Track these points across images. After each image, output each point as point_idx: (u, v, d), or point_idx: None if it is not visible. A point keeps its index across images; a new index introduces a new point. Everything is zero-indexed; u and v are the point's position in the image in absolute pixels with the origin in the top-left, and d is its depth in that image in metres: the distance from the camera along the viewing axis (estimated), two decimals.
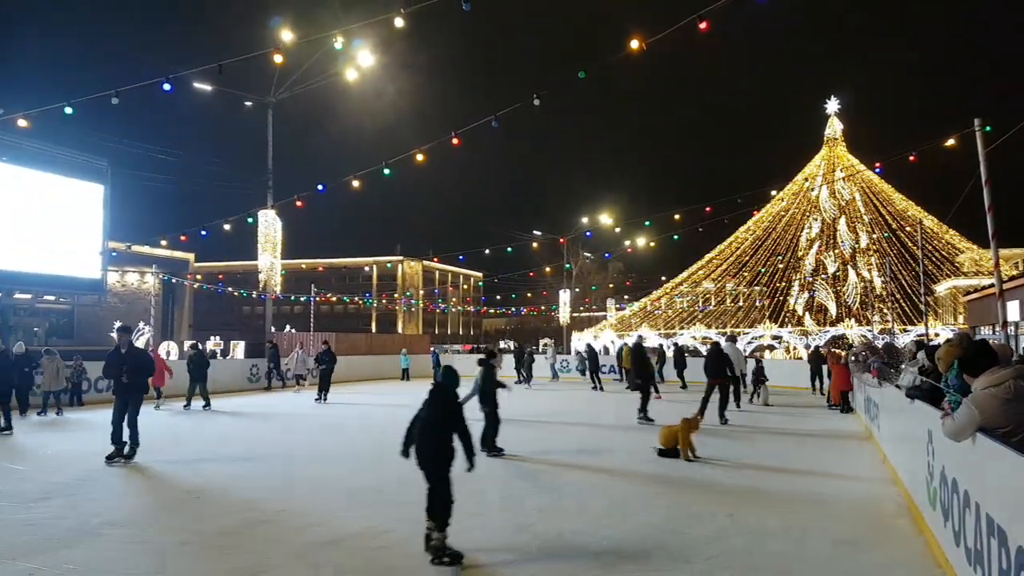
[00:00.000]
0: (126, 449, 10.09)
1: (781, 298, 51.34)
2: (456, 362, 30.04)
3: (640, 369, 15.15)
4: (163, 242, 23.89)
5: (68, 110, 12.84)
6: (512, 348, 26.91)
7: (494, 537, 6.47)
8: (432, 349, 27.71)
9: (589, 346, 34.95)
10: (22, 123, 13.12)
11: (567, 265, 51.55)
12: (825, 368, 20.89)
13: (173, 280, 35.55)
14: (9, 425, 13.39)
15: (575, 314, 54.29)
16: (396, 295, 79.63)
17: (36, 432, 13.81)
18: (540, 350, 50.00)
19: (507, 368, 27.48)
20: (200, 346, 23.38)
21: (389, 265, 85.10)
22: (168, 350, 26.52)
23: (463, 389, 6.63)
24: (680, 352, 27.04)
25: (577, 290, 59.12)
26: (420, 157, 17.60)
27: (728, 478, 9.23)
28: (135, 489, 8.54)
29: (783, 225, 53.55)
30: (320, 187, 17.40)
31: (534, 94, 14.94)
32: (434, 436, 5.84)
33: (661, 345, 35.14)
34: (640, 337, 20.89)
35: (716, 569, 5.63)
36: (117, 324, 11.65)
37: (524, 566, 5.71)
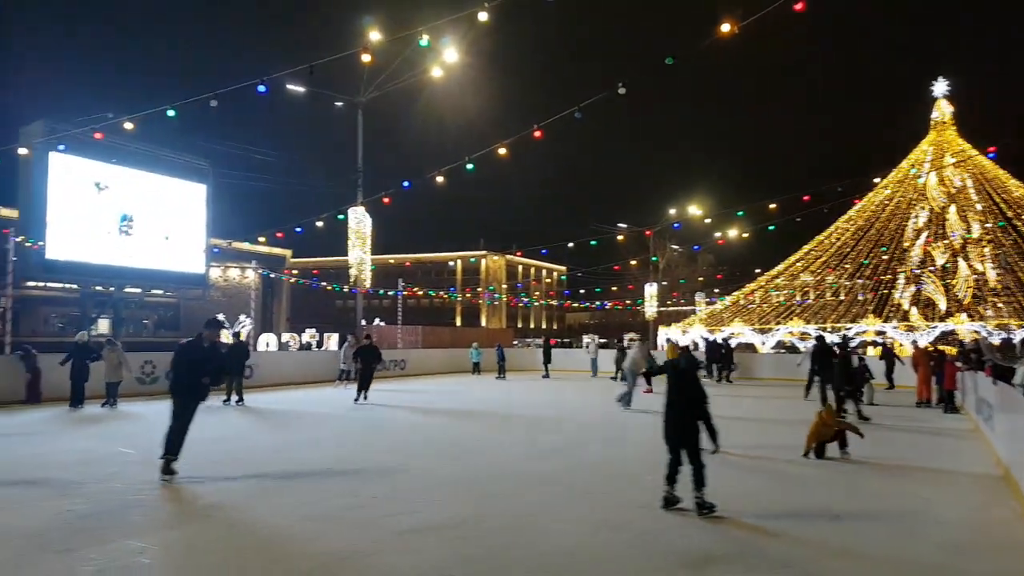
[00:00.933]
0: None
1: (885, 291, 48.67)
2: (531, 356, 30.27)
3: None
4: (261, 239, 24.93)
5: (171, 113, 13.52)
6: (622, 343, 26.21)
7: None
8: (497, 344, 27.57)
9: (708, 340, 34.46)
10: (128, 126, 13.88)
11: (653, 258, 50.58)
12: (897, 364, 21.06)
13: (271, 275, 37.13)
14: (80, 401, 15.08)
15: (662, 308, 53.23)
16: (479, 289, 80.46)
17: (152, 418, 14.63)
18: (627, 344, 49.32)
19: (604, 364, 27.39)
20: (243, 336, 23.74)
21: (473, 259, 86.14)
22: (268, 342, 27.72)
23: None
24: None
25: (664, 283, 57.96)
26: (502, 151, 17.59)
27: (835, 477, 8.82)
28: (237, 473, 8.88)
29: (887, 214, 50.75)
30: (405, 184, 17.67)
31: (619, 83, 14.66)
32: (684, 416, 7.01)
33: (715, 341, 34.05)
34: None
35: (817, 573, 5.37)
36: (220, 317, 11.00)
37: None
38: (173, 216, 26.78)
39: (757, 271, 56.35)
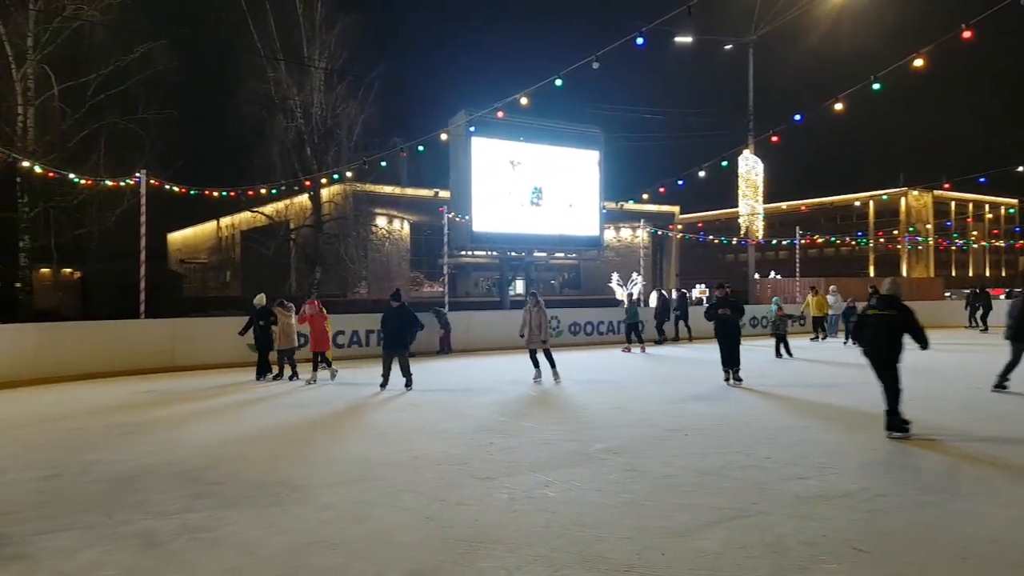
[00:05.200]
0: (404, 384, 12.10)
1: None
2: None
3: None
4: (644, 196, 25.39)
5: (558, 82, 14.26)
6: None
7: None
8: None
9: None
10: (523, 101, 15.03)
11: None
12: None
13: (658, 232, 37.80)
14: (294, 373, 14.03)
15: None
16: (897, 233, 70.68)
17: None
18: None
19: None
20: (634, 295, 22.82)
21: (885, 197, 75.67)
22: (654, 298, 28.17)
23: None
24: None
25: None
26: (919, 62, 14.71)
27: None
28: (627, 422, 9.13)
29: None
30: (797, 117, 15.99)
31: None
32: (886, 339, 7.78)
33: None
34: None
35: None
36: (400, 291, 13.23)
37: None
38: (573, 184, 28.88)
39: None
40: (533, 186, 28.24)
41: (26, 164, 18.70)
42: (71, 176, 18.79)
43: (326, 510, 5.62)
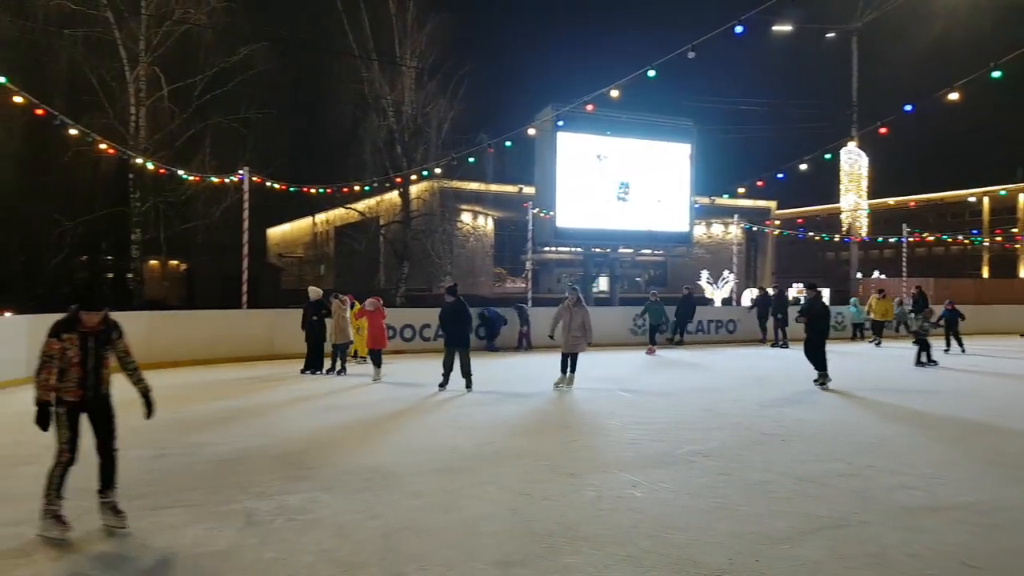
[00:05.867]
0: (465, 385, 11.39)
1: None
2: None
3: None
4: (740, 190, 24.56)
5: (651, 73, 13.98)
6: None
7: None
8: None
9: None
10: (614, 94, 14.81)
11: None
12: None
13: (753, 228, 36.58)
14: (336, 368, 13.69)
15: None
16: (1016, 231, 65.82)
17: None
18: None
19: None
20: (725, 293, 22.41)
21: (1003, 193, 70.51)
22: (751, 297, 27.35)
23: None
24: None
25: None
26: None
27: None
28: (719, 425, 8.87)
29: None
30: (907, 107, 15.11)
31: None
32: None
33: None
34: None
35: None
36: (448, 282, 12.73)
37: None
38: (662, 179, 28.28)
39: None
40: (620, 181, 27.83)
41: (139, 161, 19.84)
42: (179, 173, 19.82)
43: (415, 498, 5.71)
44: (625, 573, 4.27)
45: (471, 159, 22.97)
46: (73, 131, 16.09)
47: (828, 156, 20.44)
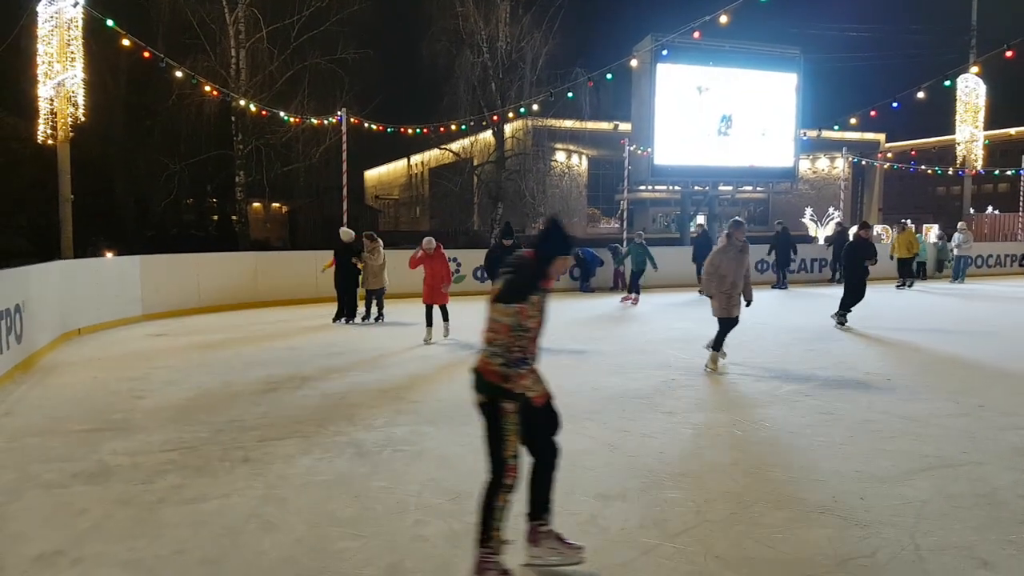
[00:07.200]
0: None
1: None
2: None
3: None
4: (852, 121, 22.96)
5: None
6: None
7: None
8: None
9: None
10: (723, 20, 14.04)
11: None
12: None
13: (862, 162, 34.38)
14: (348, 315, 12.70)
15: None
16: None
17: None
18: None
19: None
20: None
21: None
22: (825, 235, 25.98)
23: None
24: None
25: None
26: None
27: None
28: (821, 365, 8.62)
29: None
30: None
31: None
32: None
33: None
34: None
35: None
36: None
37: None
38: (766, 111, 26.81)
39: None
40: (721, 114, 26.58)
41: (241, 103, 20.34)
42: (280, 114, 20.22)
43: None
44: (726, 507, 4.27)
45: (570, 94, 22.44)
46: (178, 73, 16.33)
47: (948, 83, 18.91)
